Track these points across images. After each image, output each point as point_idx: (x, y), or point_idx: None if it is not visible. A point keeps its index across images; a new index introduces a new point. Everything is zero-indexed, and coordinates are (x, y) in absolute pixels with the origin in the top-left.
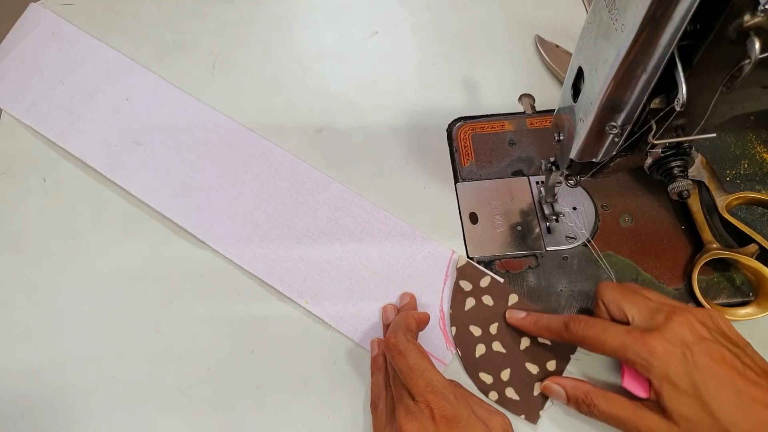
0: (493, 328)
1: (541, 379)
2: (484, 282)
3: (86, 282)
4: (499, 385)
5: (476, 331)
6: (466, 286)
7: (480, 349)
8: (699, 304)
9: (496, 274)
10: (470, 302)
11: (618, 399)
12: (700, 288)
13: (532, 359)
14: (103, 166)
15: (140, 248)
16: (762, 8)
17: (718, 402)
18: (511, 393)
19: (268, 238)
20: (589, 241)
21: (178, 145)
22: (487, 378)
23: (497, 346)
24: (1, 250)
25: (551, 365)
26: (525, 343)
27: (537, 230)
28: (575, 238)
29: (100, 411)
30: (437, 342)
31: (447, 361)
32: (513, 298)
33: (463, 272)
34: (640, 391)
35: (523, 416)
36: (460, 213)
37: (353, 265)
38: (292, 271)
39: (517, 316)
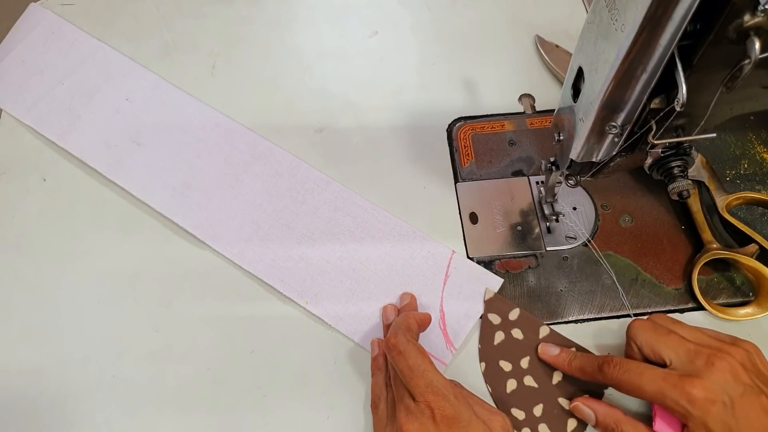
0: (524, 362)
1: (574, 414)
2: (513, 315)
3: (86, 282)
4: (531, 422)
5: (506, 366)
6: (495, 319)
7: (511, 385)
8: (699, 304)
9: (496, 274)
10: (499, 336)
11: (647, 430)
12: (700, 288)
13: (565, 394)
14: (103, 166)
15: (140, 248)
16: (762, 8)
17: None
18: (544, 429)
19: (268, 238)
20: (589, 241)
21: (178, 145)
22: (519, 414)
23: (529, 381)
24: (1, 250)
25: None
26: (557, 377)
27: (537, 230)
28: (575, 238)
29: (100, 411)
30: (437, 342)
31: (447, 361)
32: (544, 330)
33: (491, 305)
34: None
35: None
36: (460, 213)
37: (353, 265)
38: (292, 271)
39: (550, 353)
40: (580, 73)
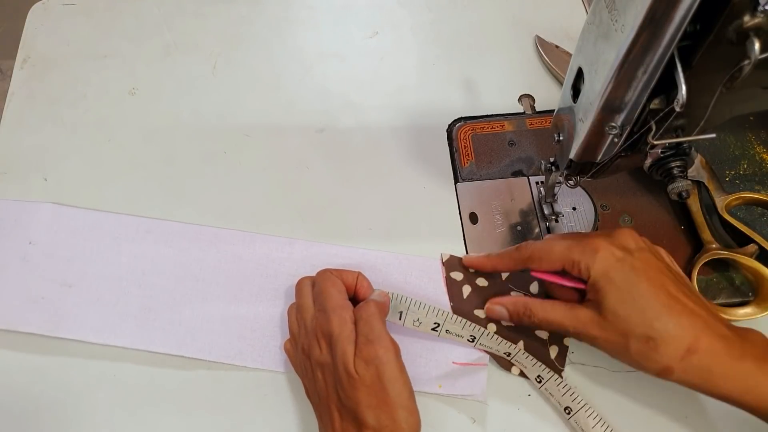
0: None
1: (553, 342)
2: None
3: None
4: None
5: (481, 313)
6: (458, 276)
7: (491, 328)
8: None
9: None
10: (467, 289)
11: (553, 303)
12: (699, 288)
13: (535, 327)
14: (39, 326)
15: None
16: (762, 9)
17: (648, 300)
18: (530, 362)
19: (260, 327)
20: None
21: (114, 268)
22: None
23: (506, 321)
24: None
25: None
26: None
27: (537, 230)
28: None
29: (100, 410)
30: (467, 350)
31: (486, 361)
32: (505, 273)
33: (450, 265)
34: (577, 283)
35: None
36: (460, 213)
37: None
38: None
39: (474, 262)
40: (579, 73)
